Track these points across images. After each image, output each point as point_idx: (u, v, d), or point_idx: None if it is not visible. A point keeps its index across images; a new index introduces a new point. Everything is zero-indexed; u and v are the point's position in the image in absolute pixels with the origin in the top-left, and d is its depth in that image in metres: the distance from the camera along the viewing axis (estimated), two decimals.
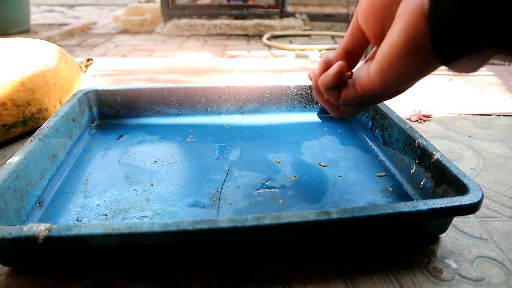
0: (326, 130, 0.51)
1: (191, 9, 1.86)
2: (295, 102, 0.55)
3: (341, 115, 0.33)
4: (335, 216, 0.26)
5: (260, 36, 1.70)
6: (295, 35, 1.71)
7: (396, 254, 0.31)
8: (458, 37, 0.19)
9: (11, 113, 0.47)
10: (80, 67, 0.60)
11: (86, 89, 0.51)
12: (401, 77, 0.23)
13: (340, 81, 0.28)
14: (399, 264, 0.30)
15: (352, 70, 0.29)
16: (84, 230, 0.24)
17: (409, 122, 0.58)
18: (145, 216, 0.34)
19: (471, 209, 0.28)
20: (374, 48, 0.28)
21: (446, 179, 0.33)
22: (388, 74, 0.23)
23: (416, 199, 0.36)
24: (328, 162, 0.43)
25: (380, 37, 0.25)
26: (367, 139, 0.48)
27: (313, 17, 1.90)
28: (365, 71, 0.26)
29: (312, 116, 0.55)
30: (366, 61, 0.29)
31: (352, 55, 0.29)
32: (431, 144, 0.37)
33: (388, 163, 0.43)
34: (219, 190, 0.38)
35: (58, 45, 0.65)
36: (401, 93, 0.29)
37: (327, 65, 0.30)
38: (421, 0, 0.20)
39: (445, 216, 0.30)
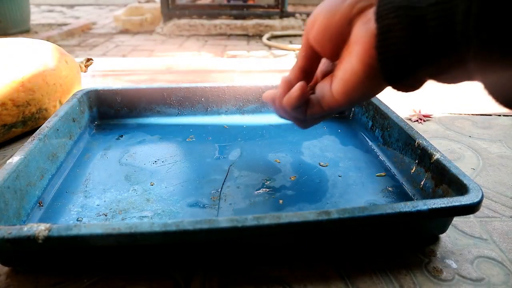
0: (326, 130, 0.51)
1: (191, 9, 1.86)
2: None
3: (308, 127, 0.36)
4: (335, 216, 0.26)
5: (260, 36, 1.70)
6: (295, 35, 1.71)
7: (396, 254, 0.31)
8: (400, 67, 0.22)
9: (11, 113, 0.47)
10: (80, 67, 0.60)
11: (86, 89, 0.51)
12: (363, 95, 0.26)
13: (304, 100, 0.30)
14: (399, 264, 0.30)
15: (314, 86, 0.31)
16: (84, 230, 0.24)
17: (409, 122, 0.58)
18: (145, 216, 0.34)
19: (471, 209, 0.28)
20: (333, 65, 0.31)
21: (446, 179, 0.33)
22: (351, 94, 0.26)
23: (416, 199, 0.36)
24: (328, 162, 0.43)
25: (335, 56, 0.28)
26: (367, 139, 0.48)
27: None
28: (328, 91, 0.28)
29: None
30: (325, 76, 0.31)
31: (308, 73, 0.31)
32: (431, 144, 0.37)
33: (388, 163, 0.43)
34: (219, 190, 0.38)
35: (58, 45, 0.65)
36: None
37: (288, 86, 0.32)
38: (372, 32, 0.23)
39: (445, 216, 0.30)
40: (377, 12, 0.22)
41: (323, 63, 0.32)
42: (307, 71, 0.31)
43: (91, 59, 0.63)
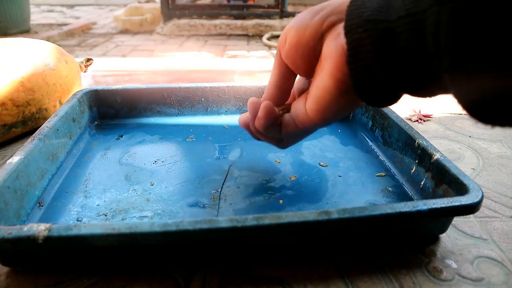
0: (326, 130, 0.51)
1: (191, 9, 1.86)
2: None
3: (287, 146, 0.35)
4: (335, 216, 0.26)
5: (260, 36, 1.70)
6: None
7: (396, 254, 0.31)
8: (371, 82, 0.22)
9: (11, 113, 0.47)
10: (80, 67, 0.60)
11: (86, 89, 0.51)
12: (337, 112, 0.25)
13: (274, 119, 0.30)
14: (399, 264, 0.30)
15: (289, 103, 0.31)
16: (84, 230, 0.24)
17: (409, 122, 0.58)
18: (145, 216, 0.34)
19: (471, 209, 0.28)
20: (309, 81, 0.30)
21: (446, 179, 0.33)
22: (325, 112, 0.25)
23: (416, 199, 0.36)
24: (328, 162, 0.43)
25: (309, 72, 0.27)
26: (367, 139, 0.48)
27: None
28: (302, 109, 0.27)
29: None
30: (301, 94, 0.30)
31: (284, 91, 0.30)
32: (431, 144, 0.37)
33: (388, 163, 0.43)
34: (219, 190, 0.38)
35: (58, 45, 0.65)
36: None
37: (255, 108, 0.31)
38: (342, 48, 0.22)
39: (445, 216, 0.30)
40: (346, 27, 0.21)
41: (299, 80, 0.31)
42: (282, 88, 0.30)
43: (91, 59, 0.63)
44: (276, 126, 0.30)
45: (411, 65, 0.20)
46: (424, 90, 0.21)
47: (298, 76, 0.30)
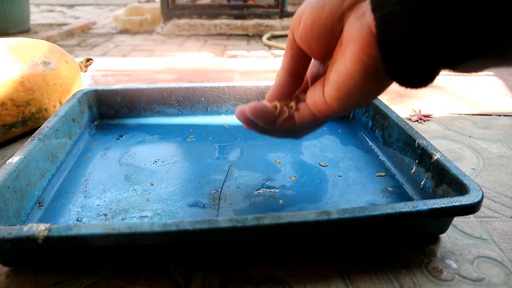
0: (326, 130, 0.51)
1: (191, 9, 1.86)
2: None
3: (301, 136, 0.32)
4: (335, 216, 0.26)
5: (260, 36, 1.70)
6: None
7: (396, 254, 0.31)
8: (408, 59, 0.19)
9: (11, 113, 0.47)
10: (80, 67, 0.60)
11: (86, 89, 0.51)
12: (361, 99, 0.23)
13: (272, 120, 0.28)
14: (399, 264, 0.30)
15: (305, 91, 0.29)
16: (84, 230, 0.24)
17: (409, 122, 0.58)
18: (145, 216, 0.34)
19: (471, 209, 0.28)
20: (324, 66, 0.28)
21: (446, 179, 0.33)
22: (347, 99, 0.23)
23: (416, 199, 0.36)
24: (328, 162, 0.43)
25: (326, 56, 0.25)
26: (367, 139, 0.48)
27: None
28: (320, 97, 0.25)
29: None
30: (315, 80, 0.28)
31: (297, 77, 0.28)
32: (431, 144, 0.37)
33: (388, 163, 0.43)
34: (219, 190, 0.38)
35: (58, 45, 0.65)
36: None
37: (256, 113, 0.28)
38: (369, 27, 0.20)
39: (445, 216, 0.30)
40: (372, 1, 0.19)
41: (313, 65, 0.29)
42: (295, 74, 0.28)
43: (91, 59, 0.63)
44: (288, 119, 0.28)
45: (458, 35, 0.17)
46: (469, 64, 0.19)
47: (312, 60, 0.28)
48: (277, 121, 0.28)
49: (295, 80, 0.28)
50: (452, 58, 0.18)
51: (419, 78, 0.20)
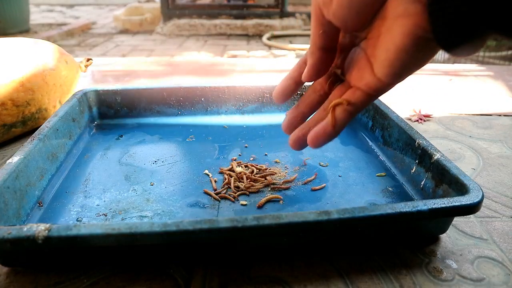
0: None
1: (191, 9, 1.86)
2: (295, 102, 0.55)
3: (339, 132, 0.30)
4: (335, 216, 0.26)
5: (260, 36, 1.70)
6: (295, 35, 1.71)
7: (396, 254, 0.31)
8: (461, 29, 0.19)
9: (11, 113, 0.47)
10: (80, 67, 0.60)
11: (86, 89, 0.51)
12: (414, 69, 0.24)
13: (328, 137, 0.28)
14: (399, 264, 0.30)
15: (341, 65, 0.29)
16: (84, 230, 0.24)
17: (409, 122, 0.58)
18: (145, 216, 0.34)
19: (471, 209, 0.28)
20: (354, 36, 0.28)
21: (446, 179, 0.33)
22: (401, 72, 0.24)
23: (416, 199, 0.36)
24: (328, 162, 0.43)
25: (359, 29, 0.25)
26: (367, 139, 0.48)
27: None
28: (371, 76, 0.26)
29: None
30: (344, 50, 0.28)
31: (331, 50, 0.28)
32: (431, 144, 0.37)
33: (388, 163, 0.43)
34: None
35: (58, 45, 0.65)
36: None
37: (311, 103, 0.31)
38: (420, 2, 0.20)
39: (445, 216, 0.30)
40: None
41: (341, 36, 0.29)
42: (328, 48, 0.28)
43: (90, 59, 0.63)
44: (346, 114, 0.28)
45: (498, 10, 0.18)
46: None
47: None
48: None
49: (329, 54, 0.28)
50: (503, 23, 0.19)
51: (469, 47, 0.21)
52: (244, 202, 0.36)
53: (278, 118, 0.54)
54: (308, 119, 0.33)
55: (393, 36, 0.22)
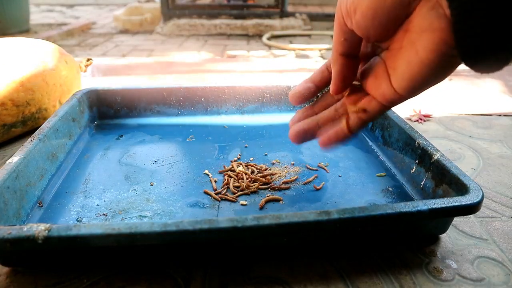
0: None
1: (191, 9, 1.86)
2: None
3: (352, 137, 0.31)
4: (335, 216, 0.26)
5: (260, 36, 1.70)
6: (295, 35, 1.71)
7: (396, 254, 0.31)
8: (485, 48, 0.19)
9: (11, 113, 0.47)
10: (80, 67, 0.60)
11: (86, 89, 0.51)
12: (431, 85, 0.24)
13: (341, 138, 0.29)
14: (399, 264, 0.30)
15: (363, 73, 0.29)
16: (84, 230, 0.24)
17: (409, 122, 0.58)
18: (145, 216, 0.34)
19: (471, 209, 0.28)
20: (373, 45, 0.28)
21: (446, 179, 0.33)
22: (419, 87, 0.24)
23: (416, 199, 0.36)
24: (328, 162, 0.43)
25: (382, 39, 0.25)
26: (367, 139, 0.48)
27: (313, 17, 1.90)
28: (388, 88, 0.26)
29: None
30: (364, 59, 0.28)
31: (355, 57, 0.28)
32: (431, 144, 0.37)
33: (388, 163, 0.43)
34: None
35: (58, 45, 0.65)
36: None
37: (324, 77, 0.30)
38: (446, 17, 0.20)
39: (445, 216, 0.30)
40: None
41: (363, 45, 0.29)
42: (351, 55, 0.28)
43: (90, 59, 0.63)
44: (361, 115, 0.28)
45: None
46: None
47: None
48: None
49: (353, 61, 0.28)
50: None
51: (495, 65, 0.21)
52: (244, 202, 0.36)
53: (278, 118, 0.54)
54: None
55: (417, 51, 0.22)
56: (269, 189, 0.38)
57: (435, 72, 0.22)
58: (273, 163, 0.43)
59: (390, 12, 0.23)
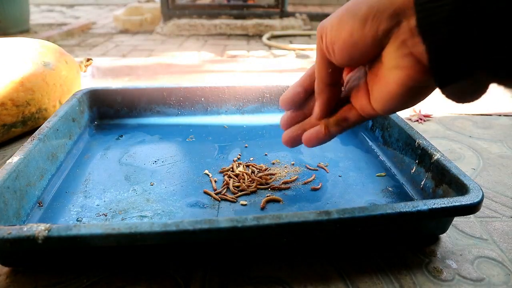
0: None
1: (191, 9, 1.86)
2: None
3: (331, 138, 0.32)
4: (335, 216, 0.26)
5: (260, 36, 1.70)
6: (295, 35, 1.71)
7: (396, 254, 0.31)
8: (462, 80, 0.20)
9: (11, 113, 0.47)
10: (80, 67, 0.60)
11: (86, 89, 0.51)
12: (406, 107, 0.25)
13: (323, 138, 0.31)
14: (399, 264, 0.30)
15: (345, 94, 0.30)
16: (84, 230, 0.24)
17: (409, 122, 0.58)
18: (145, 216, 0.34)
19: (471, 209, 0.28)
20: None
21: (446, 179, 0.33)
22: (395, 110, 0.26)
23: (416, 199, 0.36)
24: (328, 162, 0.43)
25: (364, 64, 0.27)
26: (367, 139, 0.48)
27: (313, 17, 1.90)
28: (367, 104, 0.27)
29: None
30: (349, 87, 0.30)
31: (336, 84, 0.29)
32: (431, 144, 0.37)
33: (388, 163, 0.43)
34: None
35: (58, 45, 0.65)
36: None
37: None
38: (412, 56, 0.21)
39: (445, 216, 0.30)
40: (420, 26, 0.20)
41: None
42: (337, 84, 0.29)
43: (90, 59, 0.63)
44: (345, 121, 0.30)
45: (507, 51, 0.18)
46: None
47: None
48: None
49: (338, 88, 0.30)
50: (504, 73, 0.19)
51: (472, 95, 0.22)
52: (244, 202, 0.36)
53: (278, 118, 0.54)
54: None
55: (387, 83, 0.24)
56: (269, 189, 0.38)
57: (406, 100, 0.24)
58: (273, 163, 0.43)
59: (363, 50, 0.24)
